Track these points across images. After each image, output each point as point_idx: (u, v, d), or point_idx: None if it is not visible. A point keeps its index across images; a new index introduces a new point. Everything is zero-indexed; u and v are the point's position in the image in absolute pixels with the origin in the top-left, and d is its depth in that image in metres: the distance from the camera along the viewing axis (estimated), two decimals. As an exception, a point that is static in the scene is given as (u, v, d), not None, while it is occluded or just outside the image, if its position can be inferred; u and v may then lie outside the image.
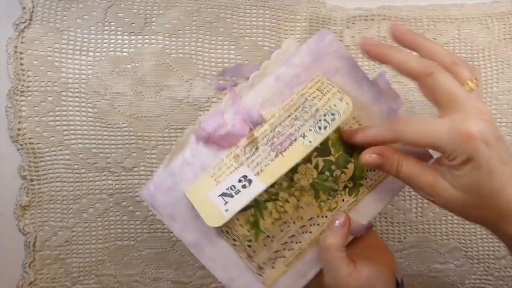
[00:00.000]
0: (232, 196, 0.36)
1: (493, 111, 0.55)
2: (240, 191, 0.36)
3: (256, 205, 0.38)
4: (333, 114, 0.37)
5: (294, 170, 0.38)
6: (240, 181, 0.36)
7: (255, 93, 0.38)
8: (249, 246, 0.39)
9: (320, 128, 0.37)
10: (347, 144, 0.39)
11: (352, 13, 0.55)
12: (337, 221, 0.38)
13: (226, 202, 0.36)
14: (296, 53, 0.39)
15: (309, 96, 0.37)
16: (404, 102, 0.55)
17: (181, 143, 0.39)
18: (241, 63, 0.53)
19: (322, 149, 0.38)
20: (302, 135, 0.37)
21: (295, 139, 0.36)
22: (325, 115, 0.37)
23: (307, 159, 0.38)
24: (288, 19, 0.55)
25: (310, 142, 0.36)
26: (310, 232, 0.39)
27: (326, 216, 0.39)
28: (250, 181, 0.36)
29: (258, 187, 0.36)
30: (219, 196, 0.36)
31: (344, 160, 0.39)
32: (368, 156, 0.36)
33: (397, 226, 0.56)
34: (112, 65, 0.54)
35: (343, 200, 0.40)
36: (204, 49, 0.54)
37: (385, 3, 0.56)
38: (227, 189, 0.36)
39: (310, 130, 0.37)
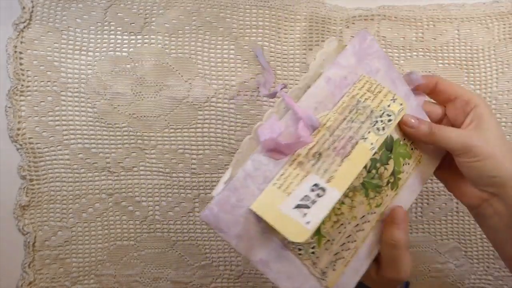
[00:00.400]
0: (308, 207, 0.34)
1: (493, 111, 0.55)
2: (316, 201, 0.34)
3: (336, 203, 0.36)
4: (389, 115, 0.38)
5: None
6: (312, 190, 0.35)
7: (309, 97, 0.37)
8: (313, 253, 0.38)
9: (378, 129, 0.37)
10: (387, 141, 0.40)
11: (352, 13, 0.55)
12: (399, 217, 0.40)
13: (304, 214, 0.34)
14: (342, 54, 0.38)
15: (360, 97, 0.38)
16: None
17: (239, 157, 0.36)
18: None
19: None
20: (362, 137, 0.37)
21: (357, 142, 0.37)
22: (380, 116, 0.38)
23: (374, 153, 0.38)
24: (288, 19, 0.55)
25: (372, 144, 0.37)
26: (363, 230, 0.40)
27: (374, 213, 0.40)
28: (323, 190, 0.35)
29: (334, 195, 0.35)
30: (294, 208, 0.34)
31: (386, 156, 0.40)
32: (408, 117, 0.40)
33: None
34: (111, 65, 0.54)
35: (387, 195, 0.40)
36: (204, 49, 0.54)
37: (385, 3, 0.56)
38: (301, 200, 0.34)
39: (369, 132, 0.37)
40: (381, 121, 0.38)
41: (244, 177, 0.35)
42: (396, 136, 0.40)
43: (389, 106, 0.38)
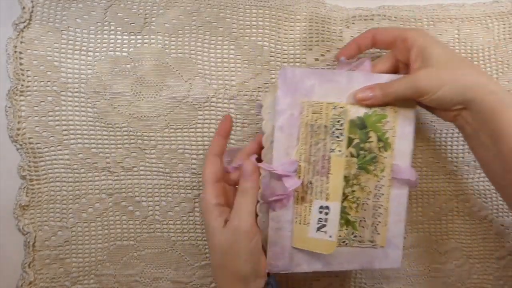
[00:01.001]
0: (325, 225, 0.46)
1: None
2: (327, 218, 0.46)
3: (340, 211, 0.47)
4: (338, 121, 0.45)
5: None
6: (320, 212, 0.46)
7: (277, 152, 0.45)
8: (355, 236, 0.48)
9: (338, 136, 0.45)
10: (357, 123, 0.46)
11: (352, 12, 0.55)
12: (248, 170, 0.45)
13: (325, 232, 0.46)
14: (277, 102, 0.45)
15: (311, 121, 0.45)
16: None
17: (263, 218, 0.47)
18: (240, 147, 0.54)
19: (347, 141, 0.46)
20: (331, 150, 0.45)
21: (329, 157, 0.45)
22: (333, 126, 0.45)
23: (344, 157, 0.47)
24: (288, 19, 0.55)
25: (340, 151, 0.45)
26: (383, 194, 0.48)
27: (384, 177, 0.47)
28: (327, 207, 0.46)
29: (336, 207, 0.46)
30: (316, 232, 0.46)
31: (364, 134, 0.47)
32: (361, 92, 0.46)
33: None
34: (111, 65, 0.54)
35: (385, 158, 0.47)
36: (203, 49, 0.54)
37: (385, 3, 0.56)
38: (318, 223, 0.46)
39: (333, 143, 0.45)
40: (336, 128, 0.45)
41: (275, 232, 0.46)
42: (361, 113, 0.46)
43: (334, 114, 0.45)
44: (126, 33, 0.54)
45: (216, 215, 0.45)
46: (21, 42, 0.53)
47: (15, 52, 0.53)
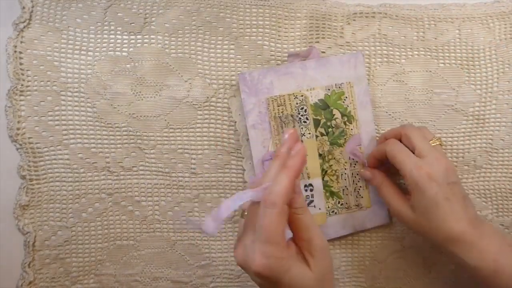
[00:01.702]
0: (313, 201, 0.53)
1: (493, 111, 0.55)
2: (313, 194, 0.53)
3: (322, 185, 0.54)
4: (302, 108, 0.52)
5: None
6: (306, 190, 0.53)
7: (254, 147, 0.52)
8: (341, 204, 0.54)
9: (304, 121, 0.52)
10: (320, 105, 0.53)
11: (352, 9, 0.55)
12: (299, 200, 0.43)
13: (314, 206, 0.53)
14: (244, 104, 0.52)
15: (278, 114, 0.52)
16: (405, 101, 0.55)
17: None
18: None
19: (315, 123, 0.53)
20: (301, 134, 0.52)
21: (302, 141, 0.52)
22: (298, 113, 0.52)
23: (315, 137, 0.53)
24: (288, 17, 0.55)
25: (310, 133, 0.53)
26: (357, 161, 0.54)
27: None
28: (311, 185, 0.53)
29: (317, 183, 0.53)
30: (308, 207, 0.48)
31: (328, 113, 0.53)
32: (364, 172, 0.53)
33: (399, 226, 0.56)
34: (111, 64, 0.54)
35: (351, 129, 0.54)
36: (203, 49, 0.54)
37: (386, 1, 0.56)
38: (306, 200, 0.53)
39: (301, 128, 0.52)
40: (301, 115, 0.52)
41: None
42: (322, 95, 0.53)
43: (297, 103, 0.52)
44: (126, 33, 0.54)
45: (297, 266, 0.39)
46: (21, 42, 0.53)
47: (15, 52, 0.53)
